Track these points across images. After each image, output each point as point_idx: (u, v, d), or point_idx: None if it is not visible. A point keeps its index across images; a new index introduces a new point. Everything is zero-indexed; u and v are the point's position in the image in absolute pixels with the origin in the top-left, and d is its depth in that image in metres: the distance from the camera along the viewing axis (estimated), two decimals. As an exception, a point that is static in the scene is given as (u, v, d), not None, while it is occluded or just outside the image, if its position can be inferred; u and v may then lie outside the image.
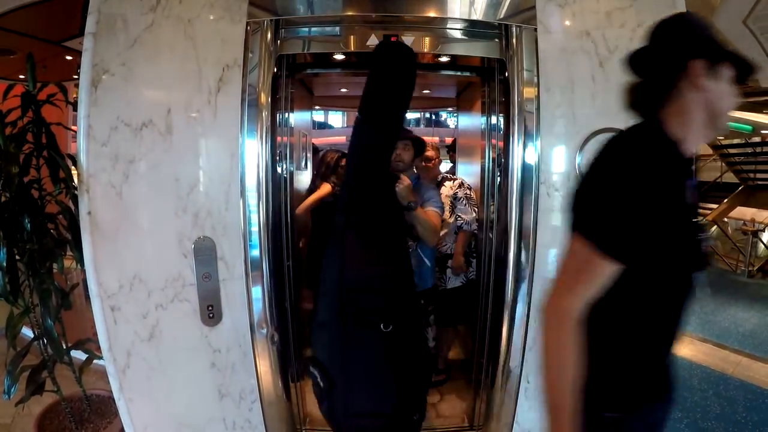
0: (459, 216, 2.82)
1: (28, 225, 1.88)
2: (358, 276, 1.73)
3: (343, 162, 2.67)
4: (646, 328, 1.06)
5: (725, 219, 10.52)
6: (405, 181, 2.12)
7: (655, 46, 1.06)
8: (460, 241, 2.85)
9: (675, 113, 1.01)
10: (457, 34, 1.90)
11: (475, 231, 2.78)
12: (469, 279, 2.90)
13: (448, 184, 2.89)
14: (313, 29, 1.88)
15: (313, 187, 2.98)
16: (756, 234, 7.77)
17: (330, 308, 1.78)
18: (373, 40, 1.83)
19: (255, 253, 1.78)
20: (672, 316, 1.08)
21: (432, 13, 1.84)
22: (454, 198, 2.85)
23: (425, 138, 2.59)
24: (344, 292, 1.73)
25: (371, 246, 1.77)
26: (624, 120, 1.73)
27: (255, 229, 1.77)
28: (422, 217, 2.20)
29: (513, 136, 1.82)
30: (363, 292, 1.74)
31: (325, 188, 2.80)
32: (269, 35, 1.77)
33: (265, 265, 1.80)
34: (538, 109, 1.79)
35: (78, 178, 1.66)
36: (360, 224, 1.75)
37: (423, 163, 2.90)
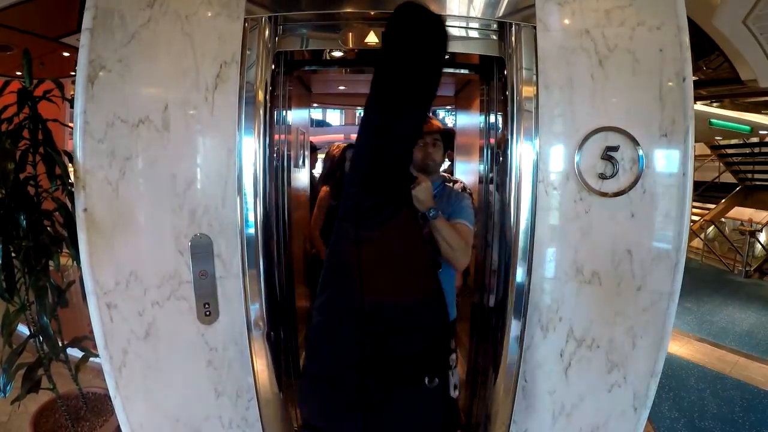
0: None
1: (24, 222, 1.87)
2: (386, 309, 1.28)
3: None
4: None
5: (723, 219, 10.56)
6: (423, 181, 1.69)
7: None
8: None
9: None
10: (456, 32, 1.89)
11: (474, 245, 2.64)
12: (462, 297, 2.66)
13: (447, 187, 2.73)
14: (311, 26, 1.87)
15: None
16: (753, 234, 7.81)
17: (340, 358, 1.33)
18: (372, 38, 1.82)
19: (251, 250, 1.78)
20: None
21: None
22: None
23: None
24: (366, 334, 1.27)
25: (400, 266, 1.34)
26: (623, 119, 1.75)
27: (252, 226, 1.77)
28: (448, 229, 1.70)
29: (511, 135, 1.82)
30: (395, 333, 1.28)
31: (323, 192, 2.70)
32: (267, 32, 1.76)
33: (261, 263, 1.80)
34: (536, 107, 1.78)
35: (74, 175, 1.65)
36: (378, 238, 1.32)
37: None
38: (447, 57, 1.42)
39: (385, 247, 1.33)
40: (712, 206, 10.80)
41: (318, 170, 3.88)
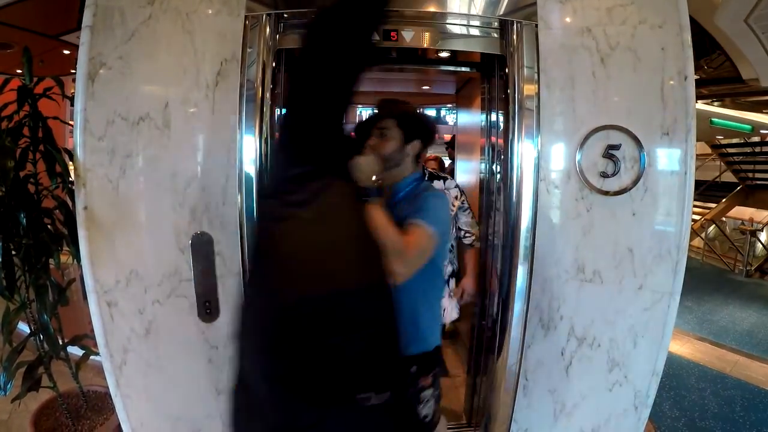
0: (468, 232, 2.28)
1: (24, 220, 1.87)
2: (308, 304, 1.01)
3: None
4: None
5: (723, 218, 10.55)
6: (366, 154, 1.43)
7: None
8: (473, 261, 2.28)
9: None
10: (457, 30, 1.89)
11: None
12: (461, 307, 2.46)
13: (437, 185, 2.29)
14: (312, 24, 1.87)
15: None
16: (754, 233, 7.79)
17: (257, 371, 1.08)
18: (372, 35, 1.81)
19: (252, 248, 1.77)
20: None
21: (432, 8, 1.83)
22: (460, 209, 2.29)
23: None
24: (284, 338, 1.02)
25: (331, 251, 1.06)
26: (625, 117, 1.74)
27: (253, 224, 1.76)
28: (382, 223, 1.28)
29: (513, 133, 1.82)
30: (321, 334, 1.02)
31: None
32: (268, 29, 1.76)
33: (262, 261, 1.79)
34: (538, 106, 1.78)
35: (75, 173, 1.65)
36: (303, 216, 1.06)
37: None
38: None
39: (312, 227, 1.06)
40: (713, 205, 10.79)
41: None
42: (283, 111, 1.18)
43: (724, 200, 10.77)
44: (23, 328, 2.13)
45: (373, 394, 1.01)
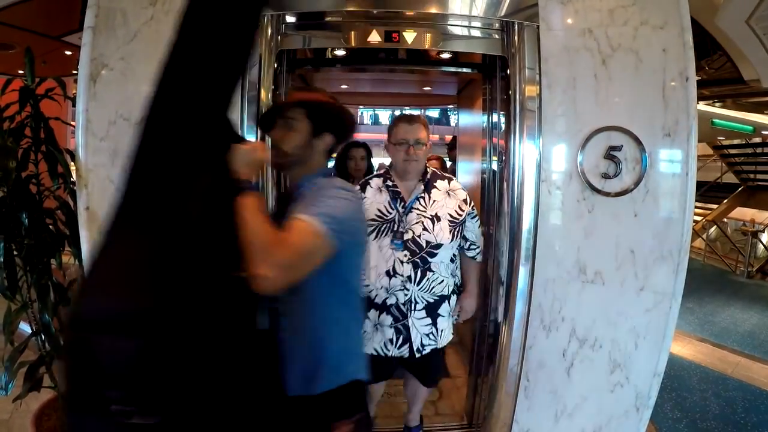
0: (473, 243, 1.97)
1: (26, 220, 1.87)
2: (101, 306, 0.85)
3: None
4: None
5: (725, 219, 10.53)
6: (256, 145, 1.24)
7: None
8: (476, 277, 2.05)
9: None
10: (459, 31, 1.89)
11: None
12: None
13: (441, 185, 1.92)
14: (313, 25, 1.87)
15: None
16: (755, 234, 7.77)
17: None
18: (374, 36, 1.81)
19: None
20: None
21: (433, 10, 1.83)
22: (469, 215, 1.93)
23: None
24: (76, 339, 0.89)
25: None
26: (626, 118, 1.74)
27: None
28: (248, 216, 1.05)
29: (514, 135, 1.82)
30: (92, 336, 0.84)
31: None
32: (270, 31, 1.76)
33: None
34: (539, 107, 1.78)
35: (76, 173, 1.65)
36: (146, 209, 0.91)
37: (406, 152, 1.82)
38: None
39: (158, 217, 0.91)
40: (715, 206, 10.79)
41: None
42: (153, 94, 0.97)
43: (725, 201, 10.77)
44: (25, 328, 2.13)
45: (136, 410, 0.84)
